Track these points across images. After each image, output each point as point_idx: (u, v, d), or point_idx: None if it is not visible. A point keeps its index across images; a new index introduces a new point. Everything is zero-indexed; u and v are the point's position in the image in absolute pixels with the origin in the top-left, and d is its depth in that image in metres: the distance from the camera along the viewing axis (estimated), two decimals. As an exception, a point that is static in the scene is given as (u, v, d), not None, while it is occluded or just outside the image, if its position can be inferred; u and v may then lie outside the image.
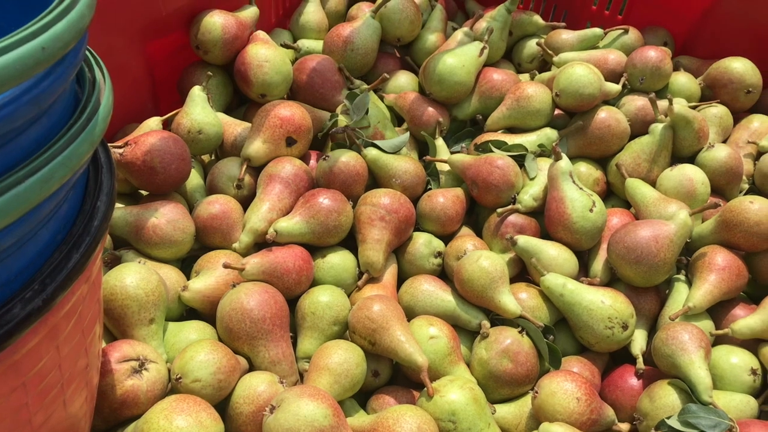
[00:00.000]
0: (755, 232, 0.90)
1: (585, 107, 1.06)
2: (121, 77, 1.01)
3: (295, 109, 0.98)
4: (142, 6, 0.98)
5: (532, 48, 1.22)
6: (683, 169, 1.00)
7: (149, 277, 0.79)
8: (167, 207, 0.89)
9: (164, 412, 0.68)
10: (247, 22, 1.09)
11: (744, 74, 1.12)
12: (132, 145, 0.90)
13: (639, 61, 1.10)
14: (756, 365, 0.86)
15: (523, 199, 0.98)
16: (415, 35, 1.19)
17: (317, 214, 0.90)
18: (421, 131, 1.09)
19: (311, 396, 0.70)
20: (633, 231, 0.90)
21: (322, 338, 0.85)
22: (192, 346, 0.76)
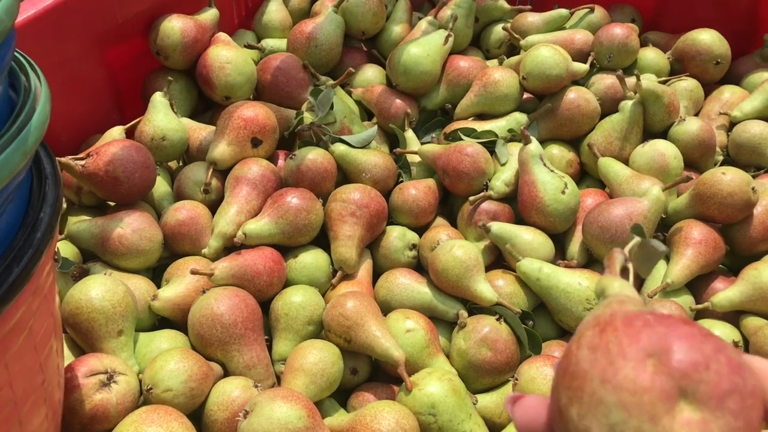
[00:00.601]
0: (729, 203, 0.89)
1: (553, 89, 1.05)
2: (80, 88, 1.00)
3: (259, 109, 0.96)
4: (97, 13, 0.97)
5: (499, 33, 1.21)
6: (655, 145, 0.99)
7: (115, 288, 0.77)
8: (132, 216, 0.87)
9: (134, 425, 0.67)
10: (207, 24, 1.08)
11: (712, 45, 1.11)
12: (94, 156, 0.89)
13: (605, 38, 1.09)
14: (737, 337, 0.85)
15: (495, 185, 0.97)
16: (380, 28, 1.18)
17: (286, 214, 0.89)
18: (390, 124, 1.08)
19: (284, 398, 0.69)
20: (606, 210, 0.89)
21: (297, 339, 0.83)
22: (162, 356, 0.75)
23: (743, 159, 1.03)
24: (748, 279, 0.86)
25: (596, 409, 0.31)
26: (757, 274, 0.85)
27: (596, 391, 0.31)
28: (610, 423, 0.30)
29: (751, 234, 0.91)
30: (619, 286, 0.38)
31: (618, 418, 0.30)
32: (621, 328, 0.33)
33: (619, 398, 0.31)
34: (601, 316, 0.34)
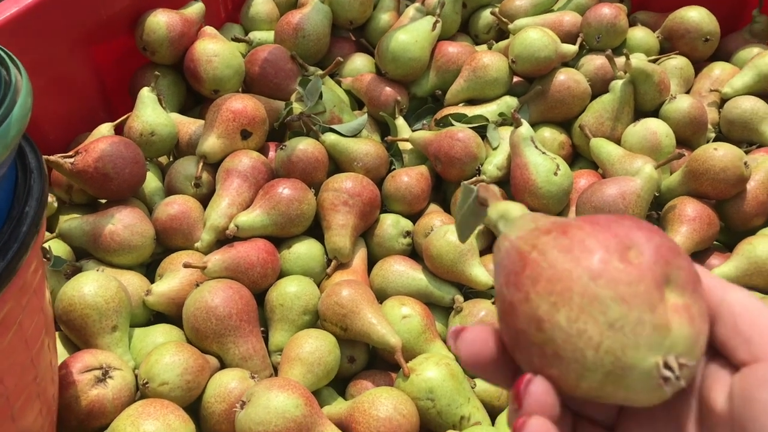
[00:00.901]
0: (722, 179, 0.88)
1: (542, 71, 1.05)
2: (67, 86, 0.99)
3: (248, 101, 0.96)
4: (82, 10, 0.96)
5: (488, 18, 1.21)
6: (646, 123, 0.98)
7: (108, 284, 0.77)
8: (123, 212, 0.87)
9: (131, 419, 0.66)
10: (193, 18, 1.07)
11: (700, 22, 1.10)
12: (83, 153, 0.88)
13: (594, 19, 1.08)
14: (734, 312, 0.84)
15: (488, 169, 0.97)
16: (368, 16, 1.17)
17: (278, 205, 0.88)
18: (380, 112, 1.08)
19: (281, 387, 0.69)
20: (599, 190, 0.88)
21: (293, 329, 0.83)
22: (157, 350, 0.74)
23: (735, 135, 1.02)
24: (743, 254, 0.85)
25: (591, 308, 0.29)
26: (752, 249, 0.85)
27: (588, 289, 0.30)
28: (609, 319, 0.29)
29: (744, 209, 0.91)
30: (519, 208, 0.36)
31: (617, 312, 0.29)
32: (587, 227, 0.32)
33: (616, 291, 0.29)
34: (541, 226, 0.33)
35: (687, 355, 0.30)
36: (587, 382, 0.30)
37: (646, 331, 0.29)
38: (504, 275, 0.33)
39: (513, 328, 0.32)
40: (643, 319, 0.29)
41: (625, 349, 0.29)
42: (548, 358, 0.30)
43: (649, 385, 0.30)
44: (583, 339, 0.29)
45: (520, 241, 0.33)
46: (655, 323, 0.29)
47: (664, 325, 0.30)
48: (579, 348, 0.30)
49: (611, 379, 0.30)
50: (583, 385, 0.30)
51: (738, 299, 0.31)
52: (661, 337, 0.29)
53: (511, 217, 0.35)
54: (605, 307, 0.29)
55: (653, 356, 0.29)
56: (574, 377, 0.30)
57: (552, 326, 0.30)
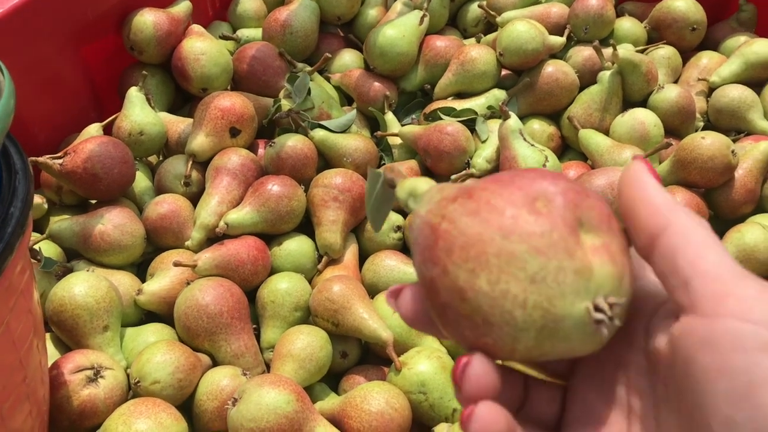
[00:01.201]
0: (710, 168, 0.89)
1: (530, 63, 1.05)
2: (55, 87, 0.99)
3: (236, 98, 0.96)
4: (68, 11, 0.96)
5: (476, 12, 1.21)
6: (634, 114, 0.99)
7: (98, 284, 0.77)
8: (113, 212, 0.87)
9: (123, 418, 0.67)
10: (181, 17, 1.07)
11: (687, 12, 1.10)
12: (71, 154, 0.88)
13: (581, 10, 1.08)
14: (724, 300, 0.85)
15: (477, 162, 0.97)
16: (355, 12, 1.17)
17: (267, 202, 0.89)
18: (369, 107, 1.08)
19: (272, 384, 0.69)
20: (588, 181, 0.89)
21: (284, 326, 0.83)
22: (148, 349, 0.75)
23: (723, 123, 1.03)
24: (732, 242, 0.86)
25: (509, 266, 0.29)
26: (741, 237, 0.85)
27: (503, 248, 0.29)
28: (529, 274, 0.29)
29: (733, 197, 0.91)
30: (425, 181, 0.35)
31: (536, 264, 0.29)
32: (491, 186, 0.31)
33: (530, 245, 0.29)
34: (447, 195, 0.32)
35: (615, 293, 0.30)
36: (523, 342, 0.29)
37: (568, 278, 0.29)
38: (419, 253, 0.32)
39: (438, 305, 0.31)
40: (563, 266, 0.29)
41: (552, 300, 0.29)
42: (479, 327, 0.30)
43: (585, 331, 0.29)
44: (508, 299, 0.29)
45: (430, 214, 0.32)
46: (576, 268, 0.29)
47: (586, 268, 0.29)
48: (507, 310, 0.29)
49: (546, 333, 0.29)
50: (520, 347, 0.29)
51: (682, 228, 0.29)
52: (585, 280, 0.29)
53: (419, 193, 0.34)
54: (523, 262, 0.29)
55: (581, 301, 0.29)
56: (510, 341, 0.29)
57: (475, 294, 0.29)
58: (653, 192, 0.31)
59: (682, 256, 0.29)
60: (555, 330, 0.29)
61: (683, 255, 0.29)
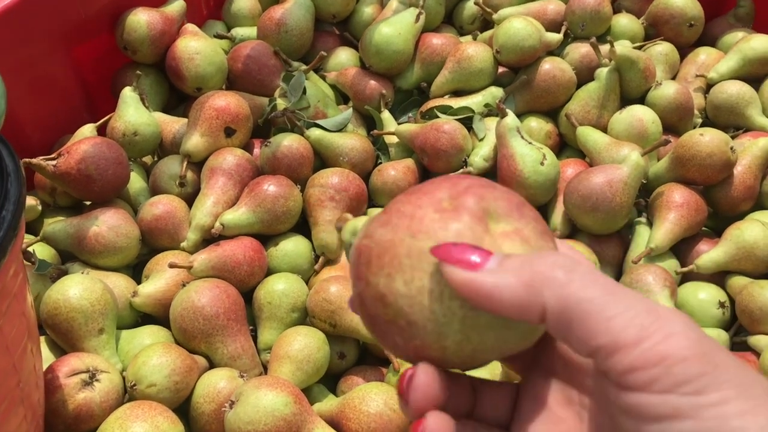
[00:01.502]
0: (708, 164, 0.88)
1: (527, 61, 1.04)
2: (48, 88, 0.98)
3: (231, 98, 0.95)
4: (60, 11, 0.95)
5: (472, 9, 1.20)
6: (632, 111, 0.98)
7: (93, 286, 0.76)
8: (108, 214, 0.86)
9: (119, 422, 0.66)
10: (174, 16, 1.06)
11: (684, 8, 1.10)
12: (65, 156, 0.88)
13: (577, 7, 1.08)
14: (723, 298, 0.85)
15: (474, 161, 0.96)
16: (351, 9, 1.16)
17: (263, 202, 0.88)
18: (365, 106, 1.07)
19: (270, 386, 0.68)
20: (586, 179, 0.88)
21: (281, 327, 0.83)
22: (144, 351, 0.74)
23: (722, 120, 1.02)
24: (731, 239, 0.85)
25: (420, 263, 0.29)
26: (740, 234, 0.85)
27: (412, 247, 0.29)
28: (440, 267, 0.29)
29: (732, 194, 0.90)
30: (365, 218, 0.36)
31: None
32: (402, 198, 0.32)
33: (437, 240, 0.29)
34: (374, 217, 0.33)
35: None
36: (450, 337, 0.29)
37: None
38: (351, 276, 0.33)
39: (369, 318, 0.31)
40: None
41: None
42: (406, 330, 0.30)
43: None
44: (425, 295, 0.29)
45: (357, 240, 0.33)
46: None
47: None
48: (426, 305, 0.29)
49: (469, 323, 0.29)
50: (449, 344, 0.29)
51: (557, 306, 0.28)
52: None
53: (358, 229, 0.35)
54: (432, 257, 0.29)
55: None
56: (437, 338, 0.29)
57: (395, 296, 0.29)
58: (499, 292, 0.28)
59: (574, 338, 0.28)
60: (476, 317, 0.29)
61: (574, 337, 0.28)
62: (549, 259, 0.29)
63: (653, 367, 0.26)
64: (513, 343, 0.30)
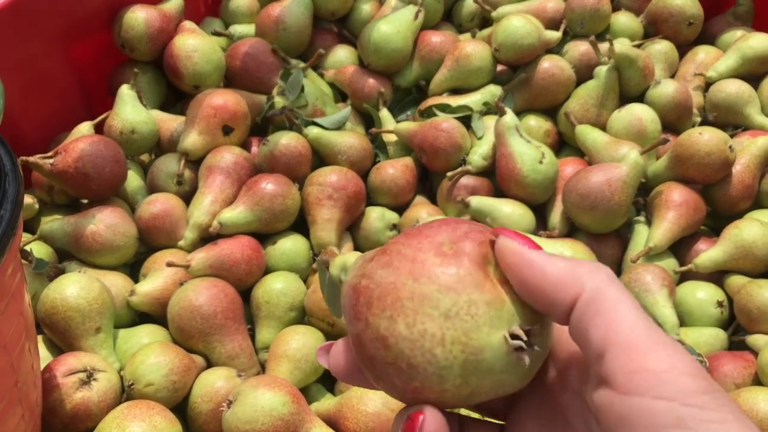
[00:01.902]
0: (707, 163, 0.88)
1: (526, 59, 1.04)
2: (46, 86, 0.98)
3: (228, 96, 0.95)
4: (57, 8, 0.94)
5: (471, 6, 1.20)
6: (631, 109, 0.98)
7: (90, 285, 0.76)
8: (105, 212, 0.86)
9: (116, 421, 0.66)
10: (172, 13, 1.06)
11: (683, 6, 1.10)
12: (62, 154, 0.87)
13: (577, 5, 1.07)
14: (722, 297, 0.84)
15: (473, 159, 0.96)
16: (349, 7, 1.16)
17: (261, 201, 0.88)
18: (364, 104, 1.07)
19: (267, 385, 0.68)
20: (585, 177, 0.88)
21: (279, 326, 0.83)
22: (142, 350, 0.74)
23: (721, 119, 1.02)
24: (729, 238, 0.85)
25: (423, 306, 0.30)
26: (738, 233, 0.85)
27: (415, 290, 0.30)
28: (442, 311, 0.30)
29: (731, 193, 0.90)
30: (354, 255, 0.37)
31: (449, 301, 0.30)
32: (402, 240, 0.32)
33: (440, 284, 0.30)
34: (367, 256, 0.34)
35: (530, 321, 0.30)
36: (450, 380, 0.30)
37: (481, 310, 0.29)
38: (346, 314, 0.33)
39: (367, 358, 0.32)
40: (474, 299, 0.30)
41: (468, 333, 0.29)
42: (405, 372, 0.30)
43: (507, 360, 0.30)
44: (427, 339, 0.29)
45: (353, 278, 0.33)
46: (487, 300, 0.30)
47: (497, 299, 0.30)
48: (427, 349, 0.29)
49: (469, 368, 0.29)
50: (448, 387, 0.30)
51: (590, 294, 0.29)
52: (498, 310, 0.30)
53: (348, 265, 0.36)
54: (435, 300, 0.30)
55: (497, 331, 0.29)
56: (437, 381, 0.30)
57: (396, 339, 0.30)
58: (544, 266, 0.30)
59: (595, 327, 0.29)
60: (477, 363, 0.30)
61: (595, 326, 0.28)
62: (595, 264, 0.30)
63: (662, 373, 0.27)
64: (509, 386, 0.31)
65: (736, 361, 0.77)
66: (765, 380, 0.74)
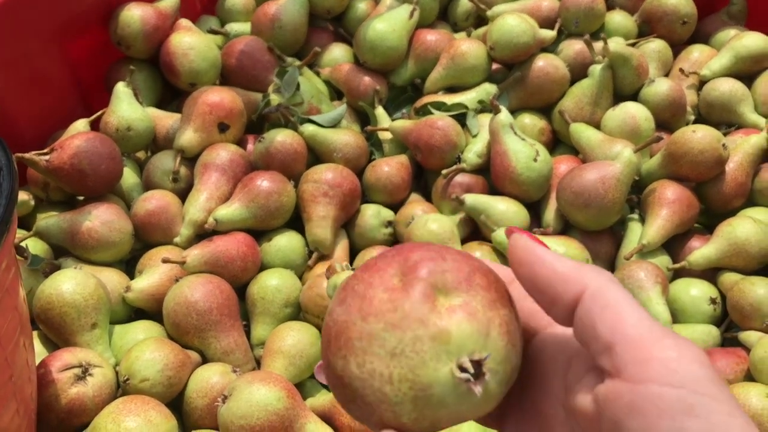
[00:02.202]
0: (700, 161, 0.89)
1: (521, 57, 1.04)
2: (42, 83, 0.98)
3: (224, 93, 0.95)
4: (53, 6, 0.95)
5: (466, 5, 1.20)
6: (625, 107, 0.98)
7: (86, 281, 0.76)
8: (101, 209, 0.86)
9: (112, 416, 0.66)
10: (168, 11, 1.06)
11: (677, 5, 1.10)
12: (58, 150, 0.87)
13: (571, 4, 1.08)
14: (714, 294, 0.85)
15: (468, 157, 0.97)
16: (345, 5, 1.16)
17: (257, 198, 0.88)
18: (359, 102, 1.07)
19: (262, 380, 0.68)
20: (579, 175, 0.88)
21: (275, 322, 0.83)
22: (137, 346, 0.74)
23: (714, 117, 1.03)
24: (723, 236, 0.86)
25: (370, 346, 0.30)
26: (732, 230, 0.85)
27: (362, 330, 0.30)
28: (388, 350, 0.30)
29: (724, 191, 0.91)
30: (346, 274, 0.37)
31: (394, 340, 0.30)
32: (359, 274, 0.33)
33: (385, 322, 0.30)
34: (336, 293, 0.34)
35: (480, 349, 0.30)
36: (405, 415, 0.30)
37: (426, 346, 0.29)
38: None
39: (334, 392, 0.33)
40: (419, 335, 0.30)
41: (414, 370, 0.29)
42: (363, 408, 0.31)
43: (458, 393, 0.30)
44: (376, 378, 0.30)
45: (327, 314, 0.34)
46: (432, 334, 0.30)
47: (442, 332, 0.30)
48: (377, 388, 0.30)
49: (421, 403, 0.30)
50: (405, 420, 0.30)
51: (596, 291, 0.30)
52: (443, 344, 0.30)
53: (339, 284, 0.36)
54: (381, 340, 0.30)
55: (444, 365, 0.29)
56: (393, 416, 0.30)
57: (350, 378, 0.31)
58: (553, 262, 0.31)
59: (601, 321, 0.29)
60: (427, 398, 0.30)
61: (602, 321, 0.29)
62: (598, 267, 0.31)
63: (672, 361, 0.27)
64: (470, 414, 0.31)
65: (728, 357, 0.78)
66: (757, 376, 0.74)
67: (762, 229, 0.85)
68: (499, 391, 0.31)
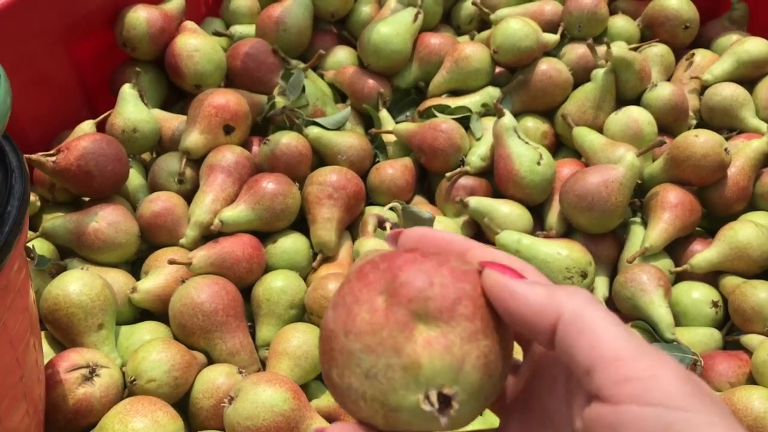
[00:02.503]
0: (703, 165, 0.89)
1: (525, 61, 1.05)
2: (47, 84, 0.98)
3: (230, 95, 0.96)
4: (59, 7, 0.95)
5: (469, 9, 1.20)
6: (628, 112, 0.99)
7: (93, 282, 0.77)
8: (107, 210, 0.87)
9: (119, 416, 0.66)
10: (174, 13, 1.06)
11: (680, 10, 1.11)
12: (64, 152, 0.88)
13: (574, 8, 1.09)
14: (716, 297, 0.86)
15: (471, 160, 0.97)
16: (349, 8, 1.17)
17: (262, 199, 0.88)
18: (363, 104, 1.08)
19: (268, 382, 0.69)
20: (582, 178, 0.89)
21: (280, 324, 0.83)
22: (144, 347, 0.74)
23: (716, 121, 1.03)
24: (724, 239, 0.86)
25: (349, 363, 0.31)
26: (733, 234, 0.86)
27: (344, 345, 0.32)
28: (363, 370, 0.31)
29: (726, 195, 0.92)
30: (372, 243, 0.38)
31: (368, 362, 0.31)
32: (353, 279, 0.33)
33: (363, 344, 0.31)
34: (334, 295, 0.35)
35: (449, 383, 0.30)
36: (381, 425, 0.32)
37: (397, 374, 0.30)
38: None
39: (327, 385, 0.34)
40: (391, 363, 0.30)
41: (385, 394, 0.30)
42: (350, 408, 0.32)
43: (425, 418, 0.31)
44: (352, 392, 0.31)
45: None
46: (404, 364, 0.30)
47: (414, 363, 0.30)
48: (353, 400, 0.31)
49: (391, 422, 0.31)
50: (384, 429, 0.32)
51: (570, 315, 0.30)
52: (413, 375, 0.30)
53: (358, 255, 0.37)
54: (358, 359, 0.31)
55: (413, 394, 0.30)
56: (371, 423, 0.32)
57: (333, 385, 0.32)
58: (526, 295, 0.31)
59: (578, 346, 0.29)
60: (397, 419, 0.31)
61: (578, 346, 0.29)
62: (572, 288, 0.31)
63: (647, 379, 0.27)
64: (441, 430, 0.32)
65: (730, 360, 0.78)
66: (759, 379, 0.75)
67: (764, 233, 0.86)
68: (470, 417, 0.32)
